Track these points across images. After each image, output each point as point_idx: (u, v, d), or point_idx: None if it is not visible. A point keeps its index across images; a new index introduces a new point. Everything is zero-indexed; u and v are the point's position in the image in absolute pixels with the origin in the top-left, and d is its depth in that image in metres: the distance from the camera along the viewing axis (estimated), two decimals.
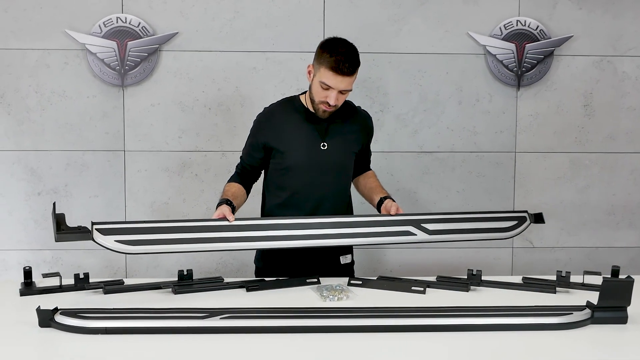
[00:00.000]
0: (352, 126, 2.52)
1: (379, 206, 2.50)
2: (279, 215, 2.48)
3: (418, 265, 3.48)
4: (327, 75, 2.30)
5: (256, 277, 2.58)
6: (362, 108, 2.64)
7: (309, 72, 2.40)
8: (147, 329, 1.83)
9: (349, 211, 2.62)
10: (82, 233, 2.11)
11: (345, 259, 2.59)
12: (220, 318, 1.87)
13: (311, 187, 2.47)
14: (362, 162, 2.67)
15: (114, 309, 1.95)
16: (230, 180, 2.58)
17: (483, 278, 2.39)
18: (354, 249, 2.67)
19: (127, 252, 2.16)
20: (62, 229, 2.08)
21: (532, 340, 1.85)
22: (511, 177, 3.47)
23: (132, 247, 2.15)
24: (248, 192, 2.58)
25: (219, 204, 2.37)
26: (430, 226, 2.39)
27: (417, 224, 2.39)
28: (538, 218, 2.52)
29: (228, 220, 2.28)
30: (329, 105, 2.36)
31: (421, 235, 2.38)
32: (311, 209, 2.47)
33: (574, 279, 2.36)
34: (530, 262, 3.52)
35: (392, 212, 2.39)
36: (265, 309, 1.98)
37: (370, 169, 2.73)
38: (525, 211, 2.54)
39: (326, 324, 1.91)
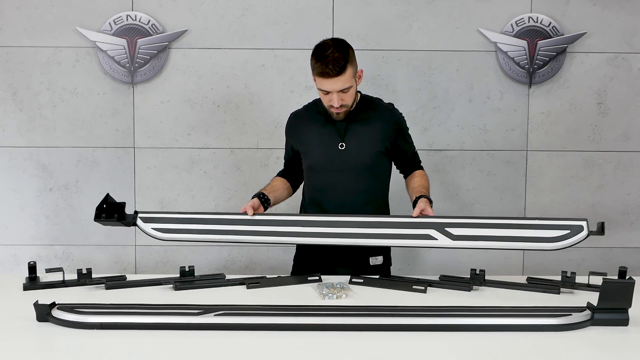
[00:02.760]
0: (374, 124, 2.48)
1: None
2: (309, 212, 2.55)
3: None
4: (320, 82, 2.35)
5: (292, 274, 2.63)
6: (385, 102, 2.57)
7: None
8: (141, 325, 1.84)
9: (381, 212, 2.55)
10: (124, 221, 2.35)
11: (375, 260, 2.54)
12: (215, 315, 1.87)
13: (332, 186, 2.49)
14: (403, 161, 2.60)
15: (110, 304, 1.97)
16: (277, 175, 2.68)
17: (487, 278, 2.36)
18: (391, 251, 2.62)
19: (162, 239, 2.37)
20: (104, 216, 2.31)
21: (530, 342, 1.82)
22: (522, 175, 3.43)
23: (165, 234, 2.36)
24: (294, 186, 2.67)
25: (253, 196, 2.45)
26: (455, 231, 2.26)
27: (440, 227, 2.26)
28: (600, 229, 2.14)
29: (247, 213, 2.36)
30: (336, 108, 2.38)
31: (443, 240, 2.25)
32: (334, 208, 2.48)
33: (582, 279, 2.32)
34: (542, 262, 3.47)
35: (414, 214, 2.30)
36: (261, 306, 1.98)
37: (420, 168, 2.64)
38: (585, 219, 2.19)
39: (321, 322, 1.89)
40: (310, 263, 2.56)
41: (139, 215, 2.38)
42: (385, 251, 2.58)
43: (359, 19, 3.31)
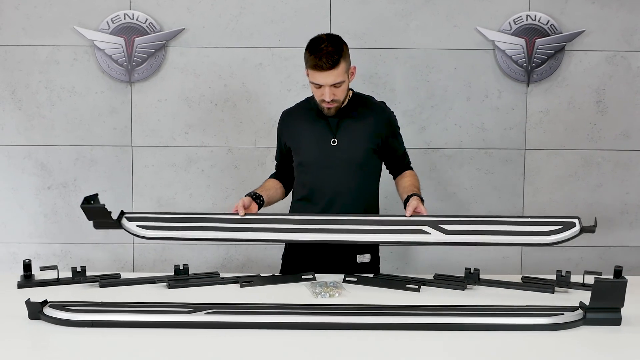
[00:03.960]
0: (365, 121, 2.49)
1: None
2: (298, 210, 2.54)
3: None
4: (312, 75, 2.35)
5: (281, 272, 2.61)
6: (376, 99, 2.58)
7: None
8: (131, 323, 1.85)
9: (372, 210, 2.56)
10: (113, 222, 2.29)
11: (362, 258, 2.54)
12: (205, 313, 1.88)
13: (323, 183, 2.48)
14: (393, 160, 2.60)
15: (101, 302, 1.97)
16: (269, 177, 2.68)
17: (481, 277, 2.35)
18: (380, 248, 2.62)
19: (145, 237, 2.30)
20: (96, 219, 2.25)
21: (522, 341, 1.82)
22: (521, 174, 3.41)
23: (149, 232, 2.31)
24: (287, 187, 2.65)
25: (245, 195, 2.44)
26: (448, 227, 2.24)
27: (434, 225, 2.24)
28: (592, 225, 2.20)
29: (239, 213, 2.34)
30: (327, 102, 2.38)
31: (436, 235, 2.22)
32: (325, 205, 2.48)
33: (578, 278, 2.31)
34: (540, 261, 3.46)
35: (408, 213, 2.28)
36: (252, 305, 1.98)
37: (410, 169, 2.64)
38: (577, 217, 2.24)
39: (314, 320, 1.89)
40: (298, 261, 2.55)
41: (125, 215, 2.35)
42: (373, 249, 2.57)
43: (356, 17, 3.30)
